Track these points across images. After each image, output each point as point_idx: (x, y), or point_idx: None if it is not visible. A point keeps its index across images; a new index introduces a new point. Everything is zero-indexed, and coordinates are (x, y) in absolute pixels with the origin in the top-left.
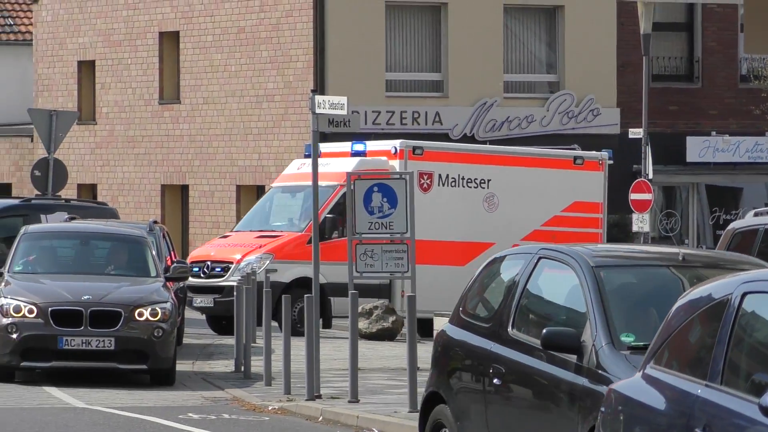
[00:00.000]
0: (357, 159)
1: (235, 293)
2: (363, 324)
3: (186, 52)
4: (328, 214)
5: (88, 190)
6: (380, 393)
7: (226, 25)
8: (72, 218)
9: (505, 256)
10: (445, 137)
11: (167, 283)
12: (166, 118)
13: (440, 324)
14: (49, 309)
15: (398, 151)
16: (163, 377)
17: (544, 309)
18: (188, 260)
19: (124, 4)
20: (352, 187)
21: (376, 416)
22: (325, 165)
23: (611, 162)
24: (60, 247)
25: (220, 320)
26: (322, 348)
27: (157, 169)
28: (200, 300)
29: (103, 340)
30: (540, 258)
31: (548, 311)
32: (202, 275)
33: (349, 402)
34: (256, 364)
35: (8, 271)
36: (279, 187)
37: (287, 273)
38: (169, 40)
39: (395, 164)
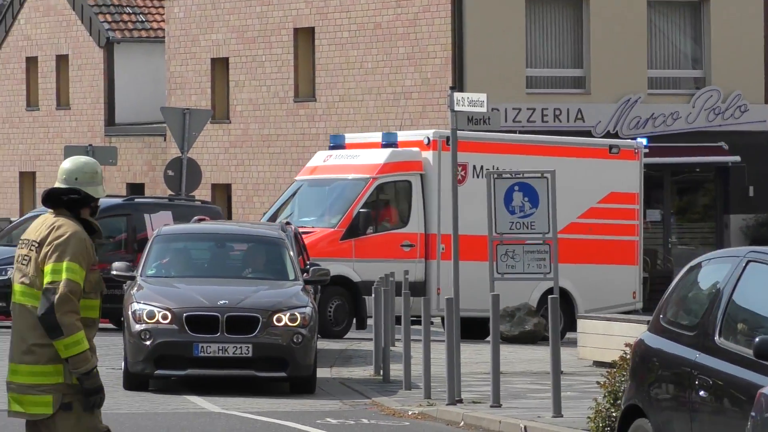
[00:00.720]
0: (388, 150)
1: (373, 295)
2: (504, 327)
3: (321, 48)
4: (361, 208)
5: (223, 190)
6: (522, 397)
7: (362, 20)
8: (201, 219)
9: (706, 260)
10: (587, 135)
11: (306, 287)
12: (302, 116)
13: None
14: (184, 315)
15: (431, 141)
16: (302, 385)
17: (756, 316)
18: None
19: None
20: (492, 185)
21: (518, 421)
22: (355, 157)
23: (647, 151)
24: (194, 249)
25: None
26: (462, 351)
27: (292, 169)
28: None
29: (240, 347)
30: (749, 261)
31: (761, 318)
32: None
33: (491, 406)
34: (395, 368)
35: (141, 275)
36: (304, 180)
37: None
38: (304, 37)
39: (428, 156)
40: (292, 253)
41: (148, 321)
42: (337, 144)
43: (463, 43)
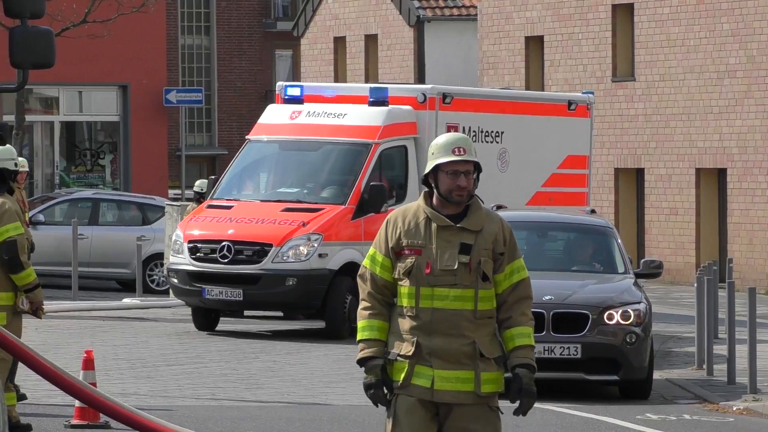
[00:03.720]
0: (384, 110)
1: (695, 284)
2: None
3: (641, 25)
4: (373, 181)
5: None
6: None
7: None
8: (499, 207)
9: None
10: None
11: (636, 281)
12: (620, 97)
13: None
14: None
15: (427, 99)
16: (635, 390)
17: None
18: (183, 239)
19: None
20: None
21: None
22: (341, 116)
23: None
24: (548, 241)
25: (210, 314)
26: None
27: (610, 152)
28: (218, 291)
29: (569, 347)
30: None
31: None
32: (221, 260)
33: None
34: (718, 362)
35: None
36: (273, 141)
37: (335, 258)
38: (623, 13)
39: (424, 115)
40: (619, 242)
41: None
42: (293, 97)
43: None
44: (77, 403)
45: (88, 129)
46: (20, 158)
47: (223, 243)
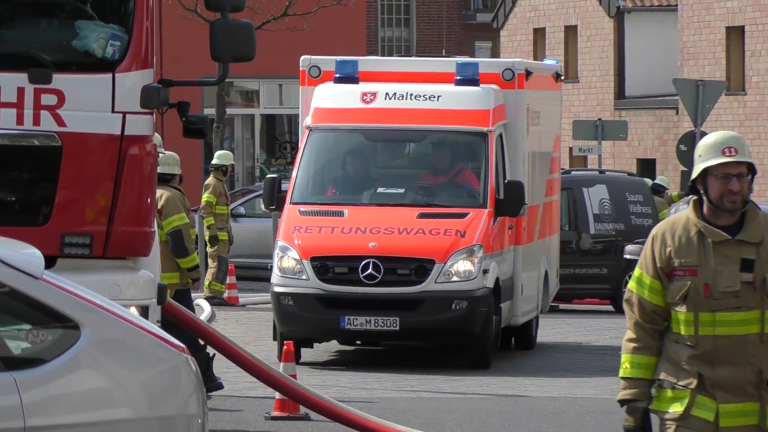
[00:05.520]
0: (489, 89)
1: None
2: None
3: None
4: (510, 178)
5: None
6: None
7: None
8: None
9: None
10: None
11: None
12: None
13: None
14: None
15: (516, 76)
16: None
17: None
18: (300, 255)
19: None
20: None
21: None
22: (432, 98)
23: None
24: None
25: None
26: None
27: None
28: (364, 320)
29: None
30: None
31: None
32: (367, 280)
33: None
34: None
35: None
36: (354, 129)
37: (490, 274)
38: None
39: (511, 95)
40: None
41: None
42: (347, 74)
43: None
44: (277, 395)
45: (288, 122)
46: (225, 152)
47: (367, 260)
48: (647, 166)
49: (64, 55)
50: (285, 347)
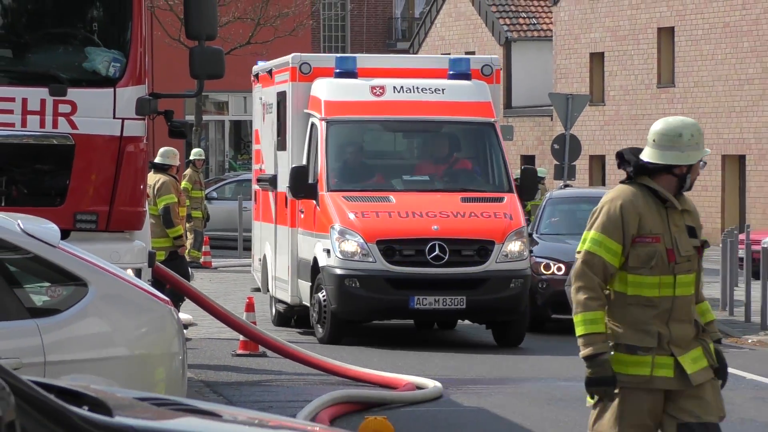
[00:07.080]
0: (481, 84)
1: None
2: None
3: (680, 44)
4: (526, 165)
5: (598, 161)
6: None
7: (713, 21)
8: (567, 186)
9: None
10: None
11: None
12: (663, 100)
13: None
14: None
15: (494, 72)
16: None
17: None
18: (365, 238)
19: (628, 4)
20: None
21: None
22: (438, 91)
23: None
24: (578, 210)
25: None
26: None
27: None
28: (432, 300)
29: None
30: None
31: None
32: (434, 261)
33: None
34: (738, 305)
35: (536, 233)
36: (375, 122)
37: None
38: (666, 35)
39: (493, 89)
40: None
41: (545, 272)
42: (347, 69)
43: None
44: (241, 337)
45: (251, 126)
46: (198, 149)
47: (432, 242)
48: (529, 161)
49: (77, 74)
50: (247, 300)
